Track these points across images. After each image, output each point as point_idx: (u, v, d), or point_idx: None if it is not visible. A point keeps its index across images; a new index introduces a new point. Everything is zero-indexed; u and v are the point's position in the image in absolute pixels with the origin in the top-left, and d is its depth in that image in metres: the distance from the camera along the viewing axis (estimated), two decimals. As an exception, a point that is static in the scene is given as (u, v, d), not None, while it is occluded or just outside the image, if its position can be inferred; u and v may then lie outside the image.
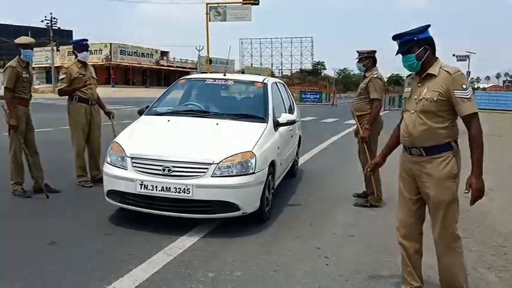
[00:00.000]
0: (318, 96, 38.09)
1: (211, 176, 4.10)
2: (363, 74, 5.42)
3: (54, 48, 54.13)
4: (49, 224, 4.43)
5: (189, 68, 77.31)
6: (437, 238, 2.95)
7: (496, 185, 6.60)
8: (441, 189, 2.85)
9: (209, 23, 30.19)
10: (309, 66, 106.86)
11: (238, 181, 4.12)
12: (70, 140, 6.03)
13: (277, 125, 5.09)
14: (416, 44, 2.85)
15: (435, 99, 2.78)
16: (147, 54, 68.49)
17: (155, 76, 72.18)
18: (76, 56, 5.91)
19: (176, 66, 76.05)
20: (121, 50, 63.19)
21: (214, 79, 5.83)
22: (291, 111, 6.29)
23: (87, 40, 5.97)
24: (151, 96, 42.48)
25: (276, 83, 6.13)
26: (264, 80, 5.80)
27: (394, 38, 2.96)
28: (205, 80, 5.97)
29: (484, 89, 55.70)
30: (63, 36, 60.68)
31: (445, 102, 2.77)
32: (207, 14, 29.85)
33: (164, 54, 74.10)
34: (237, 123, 4.89)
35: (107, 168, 4.43)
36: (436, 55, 2.90)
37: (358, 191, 5.84)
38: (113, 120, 6.23)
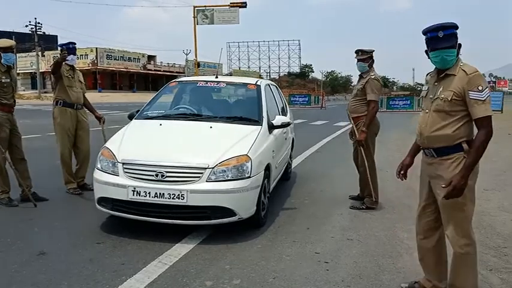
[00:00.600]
0: (306, 99, 38.09)
1: (206, 181, 3.98)
2: (359, 74, 5.34)
3: (39, 53, 53.52)
4: (37, 233, 4.26)
5: (177, 72, 76.88)
6: (450, 239, 2.87)
7: (490, 185, 6.60)
8: None
9: (197, 26, 30.07)
10: (296, 69, 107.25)
11: (234, 186, 4.01)
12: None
13: (271, 127, 4.99)
14: (457, 39, 2.71)
15: (449, 99, 2.69)
16: (134, 58, 68.01)
17: (142, 80, 71.73)
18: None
19: (163, 71, 75.65)
20: (107, 55, 62.67)
21: (206, 81, 5.71)
22: (284, 113, 6.20)
23: (74, 43, 5.83)
24: (138, 100, 42.18)
25: (268, 84, 6.04)
26: (256, 82, 5.70)
27: (436, 29, 2.71)
28: (197, 83, 5.84)
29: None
30: (48, 41, 59.98)
31: (460, 102, 2.68)
32: (194, 17, 29.71)
33: (151, 58, 73.74)
34: (231, 126, 4.78)
35: (97, 175, 4.28)
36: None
37: (352, 194, 5.77)
38: (104, 125, 6.08)
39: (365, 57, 5.20)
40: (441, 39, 2.70)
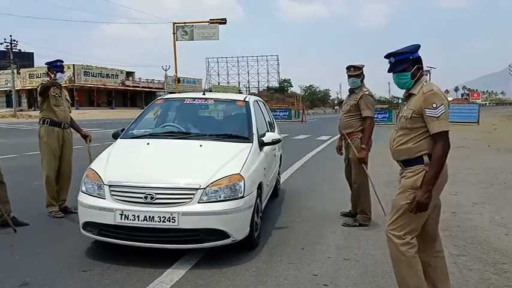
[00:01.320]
0: (287, 113, 38.18)
1: (198, 202, 3.81)
2: (350, 89, 5.28)
3: (15, 71, 52.50)
4: (18, 261, 4.01)
5: (156, 88, 76.59)
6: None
7: (479, 198, 6.59)
8: (400, 195, 2.94)
9: (176, 42, 29.93)
10: (275, 84, 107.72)
11: (227, 206, 3.85)
12: (39, 166, 5.62)
13: (262, 144, 4.87)
14: (411, 63, 2.94)
15: (409, 116, 2.91)
16: (112, 75, 67.35)
17: (121, 97, 71.02)
18: (50, 78, 5.58)
19: (142, 87, 75.20)
20: (85, 71, 61.93)
21: (194, 98, 5.56)
22: (272, 129, 6.10)
23: (62, 61, 5.66)
24: (117, 117, 41.60)
25: (257, 100, 5.93)
26: (245, 98, 5.59)
27: (388, 56, 3.03)
28: (184, 100, 5.68)
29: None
30: (23, 59, 58.96)
31: (419, 119, 2.88)
32: (174, 33, 29.60)
33: (130, 74, 73.12)
34: (221, 144, 4.64)
35: (82, 198, 4.07)
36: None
37: (343, 210, 5.68)
38: (90, 144, 5.89)
39: (357, 73, 5.15)
40: (393, 64, 2.99)
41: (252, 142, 4.71)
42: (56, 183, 5.62)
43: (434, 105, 2.79)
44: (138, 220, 3.74)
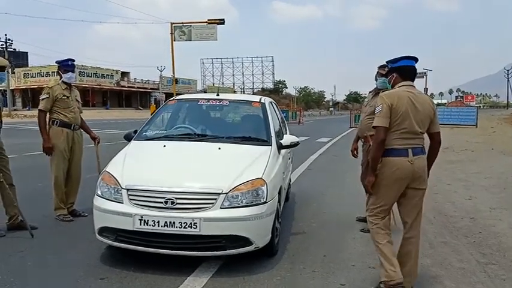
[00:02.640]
0: (284, 115, 37.82)
1: (221, 208, 3.65)
2: (375, 90, 5.11)
3: (10, 70, 51.98)
4: (32, 269, 3.82)
5: (151, 89, 76.22)
6: None
7: (496, 203, 6.48)
8: None
9: (172, 43, 29.65)
10: (270, 85, 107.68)
11: (251, 212, 3.69)
12: (40, 167, 5.43)
13: (280, 147, 4.72)
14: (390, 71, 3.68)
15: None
16: (107, 75, 66.84)
17: (116, 97, 70.56)
18: (61, 77, 5.41)
19: (137, 87, 74.77)
20: (80, 72, 61.29)
21: (208, 99, 5.39)
22: (285, 131, 5.94)
23: (73, 60, 5.50)
24: (112, 117, 41.20)
25: (271, 102, 5.77)
26: (260, 99, 5.43)
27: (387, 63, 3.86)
28: (198, 101, 5.51)
29: (444, 104, 57.51)
30: (18, 58, 58.43)
31: None
32: (171, 33, 29.34)
33: (125, 74, 72.66)
34: (240, 147, 4.48)
35: (98, 202, 3.90)
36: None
37: (359, 215, 5.53)
38: (98, 146, 5.73)
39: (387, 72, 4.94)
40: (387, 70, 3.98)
41: (271, 145, 4.56)
42: (65, 186, 5.44)
43: (376, 105, 3.42)
44: (158, 226, 3.58)
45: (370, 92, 5.34)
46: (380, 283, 3.40)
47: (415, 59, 3.50)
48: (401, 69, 3.50)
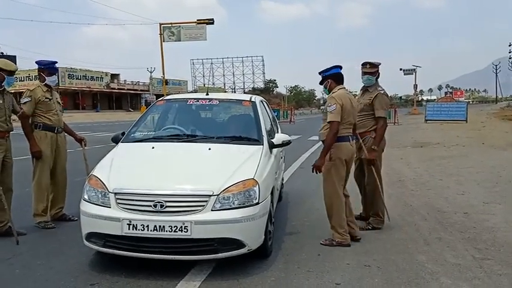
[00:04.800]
0: (276, 114, 37.72)
1: (212, 210, 3.56)
2: (364, 87, 5.10)
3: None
4: (20, 276, 3.71)
5: (141, 90, 75.80)
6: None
7: (489, 197, 6.47)
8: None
9: (161, 43, 29.43)
10: (261, 85, 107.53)
11: (243, 214, 3.61)
12: (30, 172, 5.29)
13: (272, 146, 4.64)
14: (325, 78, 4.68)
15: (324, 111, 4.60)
16: (96, 77, 66.38)
17: (106, 99, 70.09)
18: (43, 80, 5.25)
19: (127, 89, 74.32)
20: (69, 74, 60.90)
21: (197, 99, 5.29)
22: (277, 130, 5.87)
23: (56, 62, 5.35)
24: (103, 120, 40.87)
25: (262, 100, 5.69)
26: (251, 98, 5.35)
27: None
28: (187, 101, 5.40)
29: (434, 100, 57.80)
30: (6, 62, 57.60)
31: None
32: (160, 34, 29.17)
33: (114, 76, 72.21)
34: (231, 147, 4.39)
35: (85, 207, 3.79)
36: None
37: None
38: (85, 148, 5.62)
39: (373, 71, 4.98)
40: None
41: (263, 144, 4.48)
42: (52, 191, 5.32)
43: (329, 104, 4.35)
44: (148, 230, 3.49)
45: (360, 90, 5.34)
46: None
47: (341, 67, 4.60)
48: (334, 76, 4.55)
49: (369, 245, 4.50)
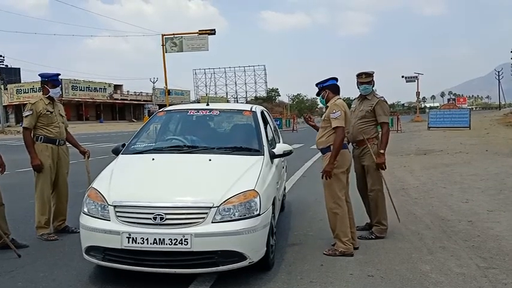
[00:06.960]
0: (278, 123, 37.99)
1: (212, 222, 3.52)
2: (361, 96, 5.18)
3: (2, 86, 51.67)
4: (19, 289, 3.68)
5: (144, 101, 76.17)
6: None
7: (494, 205, 6.40)
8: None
9: (163, 54, 29.49)
10: (263, 94, 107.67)
11: (244, 226, 3.56)
12: (33, 184, 5.28)
13: (273, 156, 4.61)
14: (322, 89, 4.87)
15: (323, 118, 4.73)
16: (100, 88, 66.76)
17: (109, 110, 70.45)
18: (46, 92, 5.28)
19: (131, 99, 74.68)
20: (72, 86, 61.28)
21: (198, 110, 5.28)
22: (278, 140, 5.84)
23: (59, 74, 5.37)
24: (106, 131, 41.00)
25: (263, 111, 5.68)
26: (251, 108, 5.33)
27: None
28: (188, 111, 5.39)
29: (436, 107, 57.67)
30: (10, 74, 58.14)
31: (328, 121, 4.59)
32: (163, 45, 29.24)
33: (118, 87, 72.60)
34: (231, 158, 4.37)
35: (84, 220, 3.77)
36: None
37: (358, 224, 5.42)
38: (88, 160, 5.62)
39: (369, 80, 5.12)
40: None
41: (264, 154, 4.46)
42: (54, 203, 5.30)
43: (333, 111, 4.49)
44: (147, 243, 3.45)
45: (355, 99, 5.40)
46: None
47: (337, 79, 4.77)
48: (331, 87, 4.73)
49: (372, 255, 4.45)
